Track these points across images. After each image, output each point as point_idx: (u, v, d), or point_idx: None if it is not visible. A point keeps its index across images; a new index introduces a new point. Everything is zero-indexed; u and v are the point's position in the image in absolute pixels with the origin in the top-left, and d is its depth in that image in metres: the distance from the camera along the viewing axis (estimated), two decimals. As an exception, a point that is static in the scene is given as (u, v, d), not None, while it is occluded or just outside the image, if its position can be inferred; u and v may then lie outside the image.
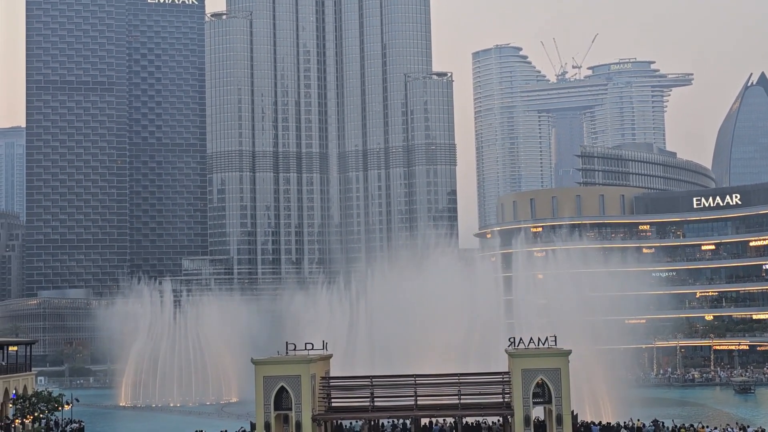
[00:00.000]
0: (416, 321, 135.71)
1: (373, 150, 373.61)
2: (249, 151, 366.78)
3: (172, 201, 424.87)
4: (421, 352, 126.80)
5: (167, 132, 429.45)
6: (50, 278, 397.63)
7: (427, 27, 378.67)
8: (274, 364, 73.82)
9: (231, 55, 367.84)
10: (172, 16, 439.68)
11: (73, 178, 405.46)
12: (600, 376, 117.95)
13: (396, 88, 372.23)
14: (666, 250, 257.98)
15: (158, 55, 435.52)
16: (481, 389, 76.06)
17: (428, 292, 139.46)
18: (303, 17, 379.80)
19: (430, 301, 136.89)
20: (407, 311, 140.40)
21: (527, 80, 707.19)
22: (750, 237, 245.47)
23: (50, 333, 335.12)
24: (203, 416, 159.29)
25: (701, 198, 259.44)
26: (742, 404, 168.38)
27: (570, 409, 72.58)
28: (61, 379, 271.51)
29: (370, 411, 76.49)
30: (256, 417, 73.08)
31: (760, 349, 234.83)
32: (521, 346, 77.45)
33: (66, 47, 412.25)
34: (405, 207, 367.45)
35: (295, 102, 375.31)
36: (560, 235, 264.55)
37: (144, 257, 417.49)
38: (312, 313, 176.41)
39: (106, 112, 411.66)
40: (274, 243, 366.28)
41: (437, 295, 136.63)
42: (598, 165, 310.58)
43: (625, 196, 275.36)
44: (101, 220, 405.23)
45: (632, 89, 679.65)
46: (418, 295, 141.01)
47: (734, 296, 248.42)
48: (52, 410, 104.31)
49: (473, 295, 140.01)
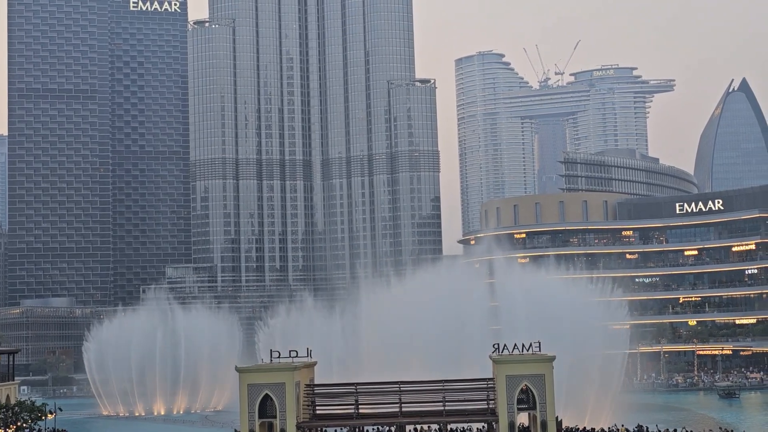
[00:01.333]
0: (403, 329, 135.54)
1: (357, 157, 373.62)
2: (232, 158, 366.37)
3: (156, 209, 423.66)
4: (407, 359, 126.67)
5: (150, 140, 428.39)
6: (33, 287, 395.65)
7: (410, 34, 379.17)
8: (258, 372, 73.75)
9: (214, 63, 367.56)
10: (155, 24, 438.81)
11: (55, 186, 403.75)
12: (584, 381, 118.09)
13: (379, 95, 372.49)
14: (649, 255, 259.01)
15: (141, 62, 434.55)
16: (465, 395, 76.19)
17: (413, 300, 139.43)
18: (286, 24, 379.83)
19: (415, 309, 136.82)
20: (394, 319, 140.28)
21: (510, 87, 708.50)
22: (732, 242, 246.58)
23: (33, 342, 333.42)
24: (188, 425, 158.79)
25: (684, 203, 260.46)
26: (726, 409, 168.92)
27: (555, 415, 72.67)
28: (44, 389, 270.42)
29: (355, 418, 76.47)
30: (241, 425, 72.95)
31: (743, 354, 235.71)
32: (505, 353, 77.55)
33: (48, 55, 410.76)
34: (389, 214, 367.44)
35: (279, 109, 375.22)
36: (543, 241, 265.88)
37: (127, 265, 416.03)
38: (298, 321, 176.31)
39: (88, 120, 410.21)
40: (257, 250, 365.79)
41: (422, 303, 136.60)
42: (581, 171, 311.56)
43: (608, 202, 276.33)
44: (84, 229, 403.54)
45: (614, 95, 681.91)
46: (403, 303, 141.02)
47: (717, 301, 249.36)
48: (35, 420, 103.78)
49: (457, 302, 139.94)
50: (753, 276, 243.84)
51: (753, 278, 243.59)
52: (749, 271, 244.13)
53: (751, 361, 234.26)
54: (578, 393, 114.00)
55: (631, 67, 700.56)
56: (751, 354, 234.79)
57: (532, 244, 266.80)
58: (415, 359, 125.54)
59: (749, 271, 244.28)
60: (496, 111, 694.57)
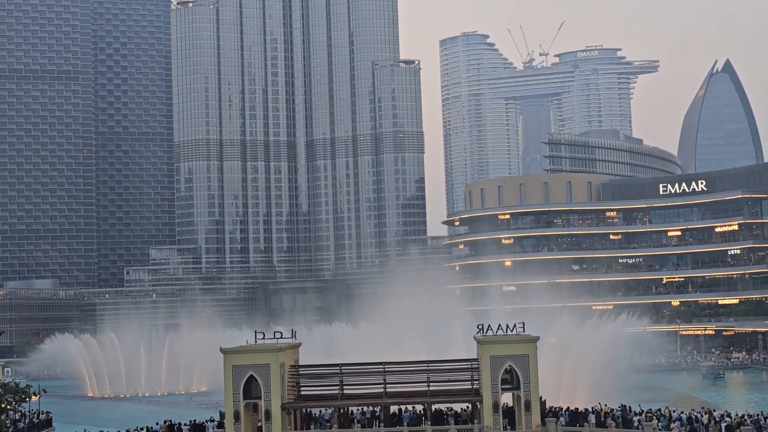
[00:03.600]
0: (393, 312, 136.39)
1: (341, 138, 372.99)
2: (216, 139, 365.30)
3: (139, 190, 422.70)
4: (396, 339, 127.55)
5: (134, 121, 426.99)
6: (16, 269, 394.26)
7: (394, 15, 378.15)
8: (242, 353, 73.77)
9: (197, 44, 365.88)
10: (138, 4, 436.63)
11: (38, 168, 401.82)
12: (568, 361, 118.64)
13: (363, 76, 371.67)
14: (633, 236, 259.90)
15: (124, 43, 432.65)
16: (450, 376, 76.42)
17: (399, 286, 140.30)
18: (270, 5, 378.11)
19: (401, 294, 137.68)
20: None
21: (494, 68, 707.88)
22: (715, 223, 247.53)
23: (17, 324, 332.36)
24: (172, 406, 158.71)
25: (667, 184, 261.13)
26: (710, 388, 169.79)
27: (538, 395, 72.97)
28: (27, 370, 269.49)
29: (340, 399, 76.63)
30: (225, 406, 73.00)
31: (726, 334, 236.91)
32: (489, 333, 77.74)
33: (30, 36, 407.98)
34: (373, 195, 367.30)
35: (263, 90, 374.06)
36: (528, 222, 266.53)
37: (111, 247, 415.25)
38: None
39: (71, 101, 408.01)
40: (242, 231, 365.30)
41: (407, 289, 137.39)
42: (565, 152, 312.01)
43: (592, 183, 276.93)
44: (67, 210, 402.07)
45: (598, 76, 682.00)
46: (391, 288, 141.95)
47: (700, 282, 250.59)
48: (19, 401, 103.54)
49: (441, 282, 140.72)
50: (736, 256, 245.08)
51: (736, 259, 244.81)
52: (732, 251, 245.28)
53: (733, 341, 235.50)
54: (562, 373, 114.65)
55: (615, 48, 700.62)
56: (733, 334, 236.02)
57: (517, 225, 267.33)
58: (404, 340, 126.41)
59: (732, 252, 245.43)
60: (481, 92, 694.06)
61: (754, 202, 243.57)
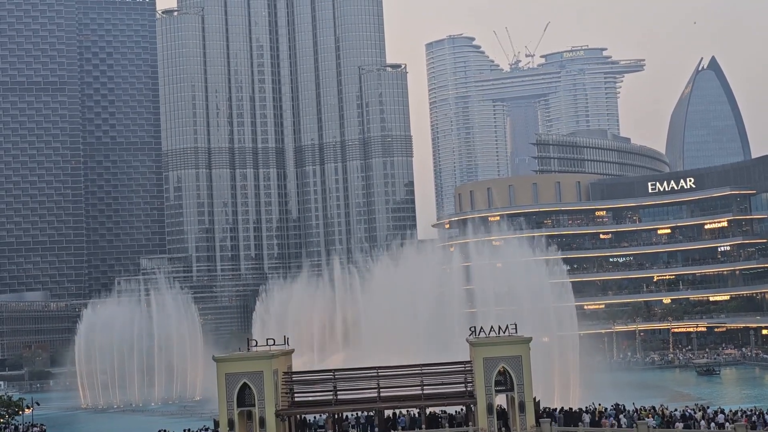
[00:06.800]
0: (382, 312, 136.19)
1: (329, 143, 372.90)
2: (204, 147, 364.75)
3: (129, 200, 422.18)
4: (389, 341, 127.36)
5: (121, 131, 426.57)
6: (6, 281, 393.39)
7: (379, 19, 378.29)
8: (235, 361, 73.72)
9: (183, 52, 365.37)
10: (123, 14, 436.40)
11: (27, 180, 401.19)
12: (561, 362, 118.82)
13: (350, 81, 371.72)
14: (622, 235, 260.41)
15: (110, 53, 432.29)
16: (443, 379, 76.48)
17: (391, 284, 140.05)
18: (255, 12, 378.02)
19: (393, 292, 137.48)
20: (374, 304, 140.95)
21: (481, 70, 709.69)
22: (705, 220, 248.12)
23: (8, 337, 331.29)
24: (166, 416, 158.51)
25: (656, 183, 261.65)
26: (704, 385, 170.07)
27: (532, 396, 73.10)
28: (20, 383, 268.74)
29: (334, 404, 76.64)
30: (219, 414, 72.94)
31: (718, 331, 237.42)
32: (482, 335, 77.83)
33: (16, 47, 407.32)
34: (363, 200, 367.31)
35: (250, 97, 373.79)
36: (518, 224, 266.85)
37: (101, 257, 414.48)
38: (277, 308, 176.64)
39: (58, 112, 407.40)
40: (232, 239, 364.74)
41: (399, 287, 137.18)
42: (554, 153, 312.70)
43: (581, 183, 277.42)
44: (57, 222, 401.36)
45: (585, 76, 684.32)
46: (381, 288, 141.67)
47: (691, 279, 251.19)
48: (12, 415, 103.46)
49: (433, 285, 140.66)
50: (726, 253, 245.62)
51: (726, 255, 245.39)
52: (722, 248, 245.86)
53: (725, 337, 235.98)
54: (554, 374, 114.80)
55: (600, 48, 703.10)
56: (725, 330, 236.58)
57: (506, 226, 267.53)
58: (396, 342, 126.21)
59: (722, 248, 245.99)
60: (468, 94, 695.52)
61: (742, 198, 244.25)
